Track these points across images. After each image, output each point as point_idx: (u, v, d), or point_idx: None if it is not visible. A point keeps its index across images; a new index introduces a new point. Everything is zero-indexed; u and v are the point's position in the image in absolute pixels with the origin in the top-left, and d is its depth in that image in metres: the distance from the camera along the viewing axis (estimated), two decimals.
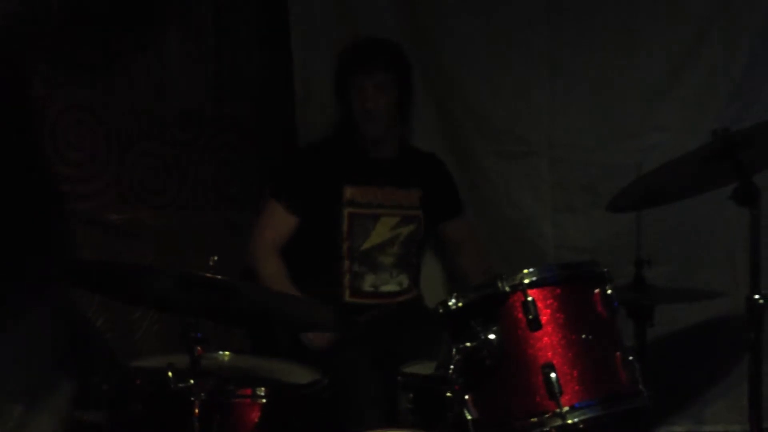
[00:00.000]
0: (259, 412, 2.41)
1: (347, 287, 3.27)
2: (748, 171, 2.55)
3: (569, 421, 2.12)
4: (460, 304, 2.23)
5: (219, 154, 3.50)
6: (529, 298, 2.18)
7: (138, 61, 3.22)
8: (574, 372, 2.15)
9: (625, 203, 2.90)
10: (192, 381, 2.22)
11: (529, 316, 2.17)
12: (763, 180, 2.57)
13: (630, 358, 2.24)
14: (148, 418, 2.42)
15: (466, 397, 2.17)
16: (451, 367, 2.17)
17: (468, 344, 2.16)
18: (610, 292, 2.27)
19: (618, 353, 2.23)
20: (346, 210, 3.27)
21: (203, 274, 2.18)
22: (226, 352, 2.76)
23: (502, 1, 3.58)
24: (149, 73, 3.25)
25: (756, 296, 2.51)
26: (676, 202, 2.98)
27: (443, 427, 2.26)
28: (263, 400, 2.42)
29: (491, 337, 2.15)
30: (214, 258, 2.23)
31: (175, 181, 3.35)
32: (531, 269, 2.22)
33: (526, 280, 2.20)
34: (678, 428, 3.49)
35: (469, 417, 2.17)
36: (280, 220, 3.26)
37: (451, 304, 2.24)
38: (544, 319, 2.18)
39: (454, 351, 2.17)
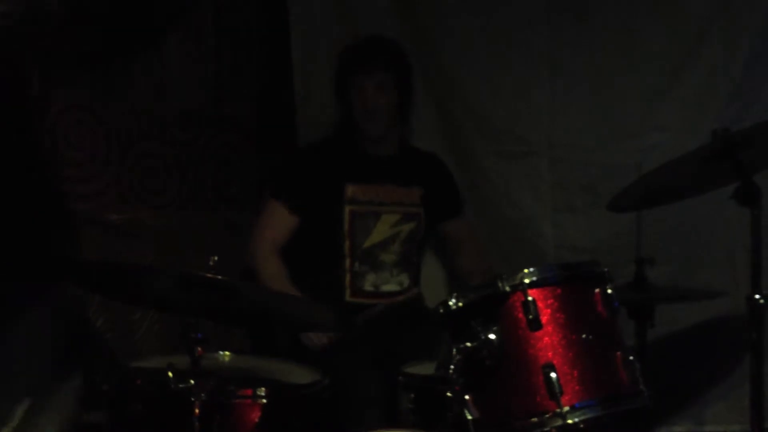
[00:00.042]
0: (260, 413, 2.41)
1: (348, 287, 3.27)
2: (748, 171, 2.55)
3: (569, 421, 2.12)
4: (460, 304, 2.23)
5: (219, 154, 3.50)
6: (530, 298, 2.18)
7: (138, 61, 3.22)
8: (575, 372, 2.15)
9: (626, 203, 2.90)
10: (192, 381, 2.22)
11: (530, 316, 2.17)
12: (763, 180, 2.57)
13: (630, 358, 2.23)
14: (148, 419, 2.42)
15: (467, 397, 2.17)
16: (452, 367, 2.17)
17: (468, 344, 2.16)
18: (610, 292, 2.27)
19: (618, 353, 2.22)
20: (347, 208, 3.26)
21: (203, 274, 2.18)
22: (226, 353, 2.76)
23: (502, 1, 3.58)
24: (149, 73, 3.26)
25: (757, 296, 2.51)
26: (677, 202, 2.98)
27: (443, 427, 2.26)
28: (263, 401, 2.42)
29: (491, 337, 2.15)
30: (214, 258, 2.22)
31: (175, 181, 3.35)
32: (531, 269, 2.22)
33: (527, 280, 2.19)
34: (678, 428, 3.48)
35: (470, 417, 2.17)
36: (281, 220, 3.26)
37: (451, 304, 2.23)
38: (544, 319, 2.17)
39: (454, 351, 2.17)
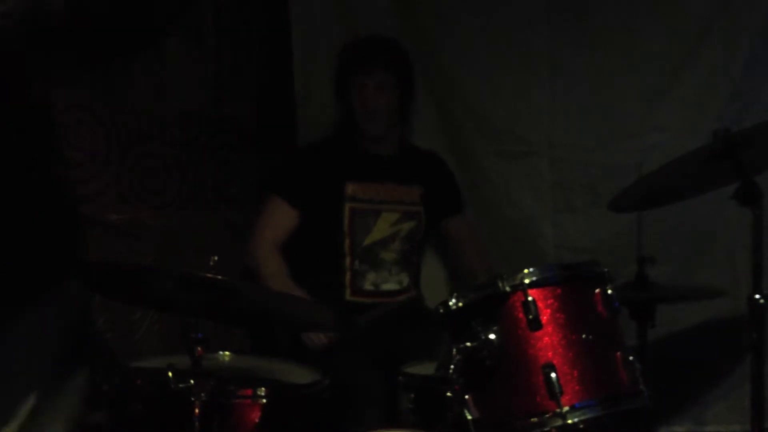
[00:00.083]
0: (260, 413, 2.41)
1: (348, 286, 3.27)
2: (749, 171, 2.54)
3: (569, 421, 2.12)
4: (460, 304, 2.23)
5: (219, 154, 3.50)
6: (530, 298, 2.17)
7: (138, 61, 3.22)
8: (575, 372, 2.15)
9: (626, 203, 2.90)
10: (192, 381, 2.22)
11: (530, 316, 2.17)
12: (763, 180, 2.57)
13: (630, 358, 2.23)
14: (148, 419, 2.42)
15: (467, 397, 2.17)
16: (452, 367, 2.17)
17: (468, 344, 2.16)
18: (610, 292, 2.27)
19: (618, 353, 2.22)
20: (347, 206, 3.26)
21: (203, 274, 2.18)
22: (226, 353, 2.76)
23: (502, 1, 3.58)
24: (149, 73, 3.25)
25: (757, 296, 2.51)
26: (677, 202, 2.98)
27: (444, 427, 2.26)
28: (264, 401, 2.42)
29: (491, 337, 2.15)
30: (214, 258, 2.22)
31: (175, 181, 3.34)
32: (531, 269, 2.22)
33: (527, 280, 2.19)
34: (679, 429, 3.48)
35: (470, 417, 2.17)
36: (281, 217, 3.25)
37: (451, 304, 2.23)
38: (544, 319, 2.17)
39: (454, 351, 2.17)
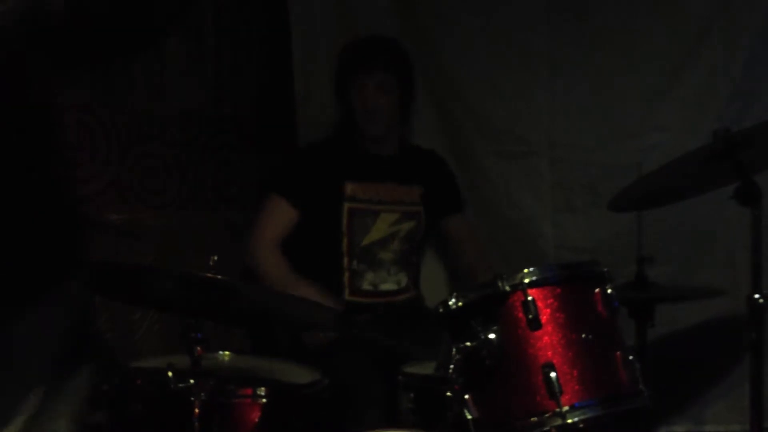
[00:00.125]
0: (260, 412, 2.41)
1: (346, 286, 3.27)
2: (749, 171, 2.55)
3: (569, 421, 2.12)
4: (460, 304, 2.22)
5: (219, 154, 3.49)
6: (529, 298, 2.17)
7: (138, 61, 3.21)
8: (574, 371, 2.15)
9: (626, 203, 2.90)
10: (192, 381, 2.22)
11: (529, 316, 2.16)
12: (763, 180, 2.57)
13: (630, 358, 2.23)
14: (148, 418, 2.42)
15: (466, 396, 2.17)
16: (451, 367, 2.16)
17: (468, 344, 2.16)
18: (610, 291, 2.26)
19: (618, 353, 2.22)
20: (346, 205, 3.26)
21: (203, 274, 2.18)
22: (226, 352, 2.76)
23: (502, 1, 3.58)
24: (149, 73, 3.25)
25: (757, 296, 2.51)
26: (677, 202, 2.98)
27: (443, 427, 2.26)
28: (263, 400, 2.42)
29: (491, 336, 2.15)
30: (214, 258, 2.22)
31: (175, 181, 3.34)
32: (531, 269, 2.21)
33: (526, 280, 2.19)
34: (678, 428, 3.48)
35: (470, 417, 2.17)
36: (281, 216, 3.25)
37: (451, 303, 2.23)
38: (544, 319, 2.17)
39: (454, 351, 2.17)
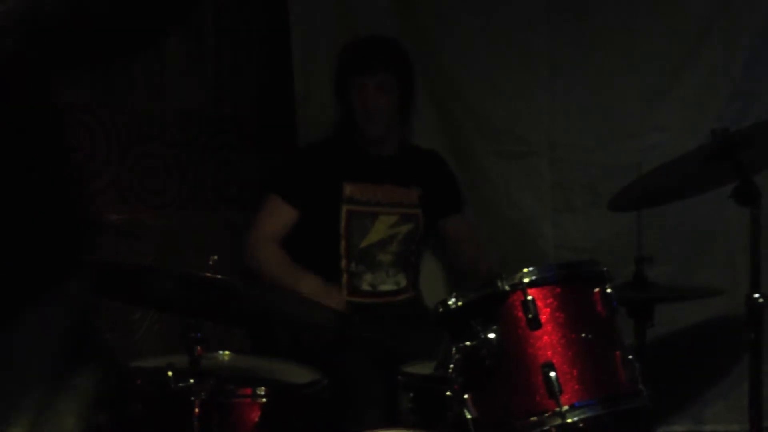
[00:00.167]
0: (259, 412, 2.41)
1: (345, 287, 3.26)
2: (748, 171, 2.55)
3: (569, 420, 2.12)
4: (459, 304, 2.22)
5: (219, 154, 3.49)
6: (529, 297, 2.17)
7: (138, 61, 3.21)
8: (574, 371, 2.15)
9: (626, 203, 2.90)
10: (192, 381, 2.22)
11: (529, 315, 2.17)
12: (762, 180, 2.58)
13: (630, 358, 2.23)
14: (148, 418, 2.42)
15: (466, 396, 2.17)
16: (451, 367, 2.16)
17: (468, 343, 2.16)
18: (609, 291, 2.26)
19: (618, 352, 2.22)
20: (345, 207, 3.26)
21: (203, 274, 2.18)
22: (226, 352, 2.76)
23: (502, 1, 3.58)
24: (149, 73, 3.25)
25: (756, 295, 2.51)
26: (677, 202, 2.98)
27: (443, 427, 2.26)
28: (263, 400, 2.41)
29: (491, 336, 2.15)
30: (214, 258, 2.22)
31: (175, 181, 3.34)
32: (531, 268, 2.21)
33: (526, 279, 2.19)
34: (678, 428, 3.48)
35: (469, 416, 2.16)
36: (280, 215, 3.24)
37: (450, 303, 2.23)
38: (543, 318, 2.17)
39: (453, 350, 2.17)
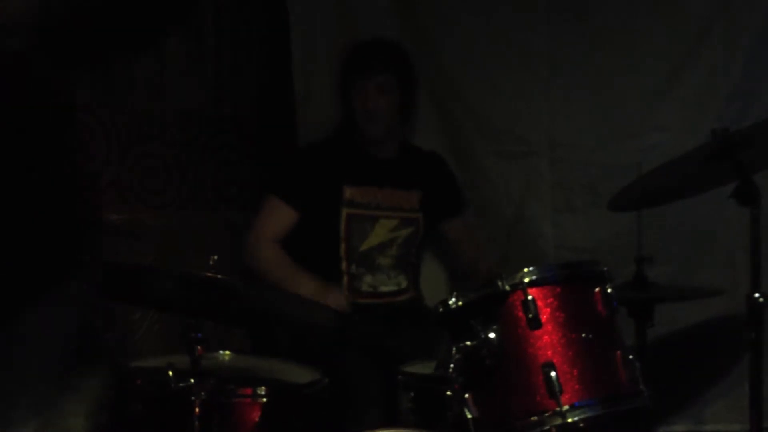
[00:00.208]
0: (260, 412, 2.41)
1: (346, 288, 3.26)
2: (748, 171, 2.55)
3: (569, 420, 2.12)
4: (460, 303, 2.22)
5: (219, 154, 3.49)
6: (529, 297, 2.17)
7: (138, 61, 3.21)
8: (574, 371, 2.15)
9: (626, 203, 2.90)
10: (192, 381, 2.22)
11: (529, 315, 2.17)
12: (763, 180, 2.58)
13: (630, 358, 2.23)
14: (148, 418, 2.42)
15: (467, 396, 2.17)
16: (451, 366, 2.16)
17: (468, 343, 2.16)
18: (610, 291, 2.26)
19: (618, 352, 2.22)
20: (345, 210, 3.26)
21: (203, 274, 2.18)
22: (226, 352, 2.76)
23: (502, 1, 3.58)
24: (149, 73, 3.25)
25: (756, 295, 2.51)
26: (677, 201, 2.98)
27: (443, 427, 2.26)
28: (264, 400, 2.41)
29: (491, 336, 2.15)
30: (214, 258, 2.22)
31: (175, 181, 3.34)
32: (531, 268, 2.21)
33: (526, 279, 2.19)
34: (678, 428, 3.48)
35: (470, 416, 2.16)
36: (280, 217, 3.24)
37: (451, 303, 2.23)
38: (544, 318, 2.17)
39: (454, 350, 2.17)
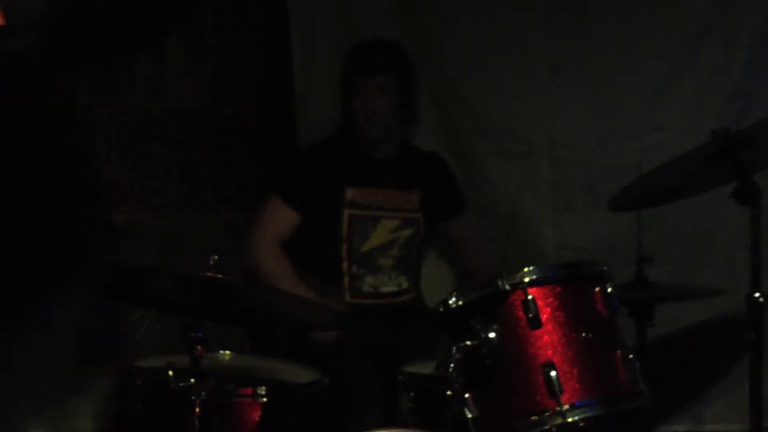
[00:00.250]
0: (260, 412, 2.41)
1: (347, 289, 3.26)
2: (748, 171, 2.55)
3: (569, 420, 2.12)
4: (460, 303, 2.23)
5: (219, 154, 3.49)
6: (530, 297, 2.18)
7: (138, 61, 3.21)
8: (575, 370, 2.15)
9: (626, 203, 2.90)
10: (192, 380, 2.22)
11: (530, 315, 2.17)
12: (763, 180, 2.58)
13: (630, 357, 2.23)
14: (148, 418, 2.42)
15: (467, 395, 2.17)
16: (452, 366, 2.17)
17: (468, 343, 2.16)
18: (610, 290, 2.27)
19: (618, 352, 2.23)
20: (346, 211, 3.26)
21: (203, 274, 2.18)
22: (227, 352, 2.76)
23: (502, 1, 3.58)
24: (149, 73, 3.25)
25: (756, 295, 2.51)
26: (677, 201, 2.98)
27: (444, 427, 2.26)
28: (264, 400, 2.42)
29: (491, 335, 2.15)
30: (214, 258, 2.22)
31: (175, 181, 3.34)
32: (531, 268, 2.22)
33: (527, 279, 2.19)
34: (678, 428, 3.48)
35: (470, 416, 2.17)
36: (282, 217, 3.24)
37: (451, 302, 2.23)
38: (544, 318, 2.17)
39: (454, 350, 2.17)
